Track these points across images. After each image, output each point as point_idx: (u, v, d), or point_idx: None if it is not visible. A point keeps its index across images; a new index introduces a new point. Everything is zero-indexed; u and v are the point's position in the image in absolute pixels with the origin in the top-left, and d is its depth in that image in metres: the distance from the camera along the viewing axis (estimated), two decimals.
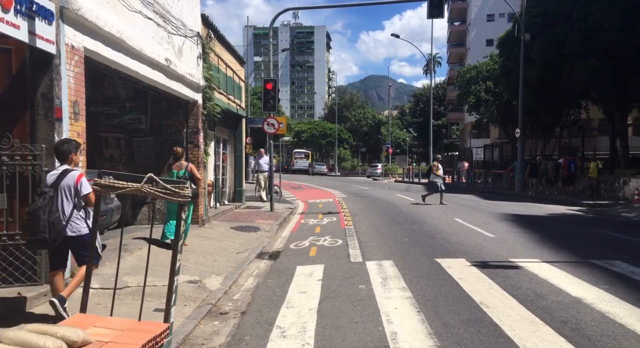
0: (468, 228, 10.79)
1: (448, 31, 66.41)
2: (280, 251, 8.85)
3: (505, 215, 13.26)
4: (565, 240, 9.19)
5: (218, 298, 5.79)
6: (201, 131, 10.77)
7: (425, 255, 7.84)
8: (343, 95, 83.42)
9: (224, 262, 7.71)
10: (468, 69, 34.33)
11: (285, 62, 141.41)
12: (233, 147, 15.83)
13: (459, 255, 7.75)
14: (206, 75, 10.84)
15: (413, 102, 73.80)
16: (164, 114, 10.43)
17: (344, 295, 5.73)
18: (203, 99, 10.85)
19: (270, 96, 14.22)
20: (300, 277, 6.70)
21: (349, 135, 67.72)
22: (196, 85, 10.32)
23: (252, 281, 6.72)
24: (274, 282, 6.59)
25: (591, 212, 14.70)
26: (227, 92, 13.75)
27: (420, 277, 6.44)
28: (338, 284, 6.23)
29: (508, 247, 8.44)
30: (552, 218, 13.14)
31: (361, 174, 51.00)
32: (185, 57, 9.58)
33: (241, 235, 10.20)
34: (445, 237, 9.54)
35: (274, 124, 14.48)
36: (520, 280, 6.16)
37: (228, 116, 14.06)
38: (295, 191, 24.62)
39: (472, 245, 8.67)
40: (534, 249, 8.27)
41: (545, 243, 8.75)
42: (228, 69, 13.75)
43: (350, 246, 8.91)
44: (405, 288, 5.85)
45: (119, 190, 3.44)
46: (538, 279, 6.18)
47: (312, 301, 5.51)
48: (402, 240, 9.40)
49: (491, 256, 7.69)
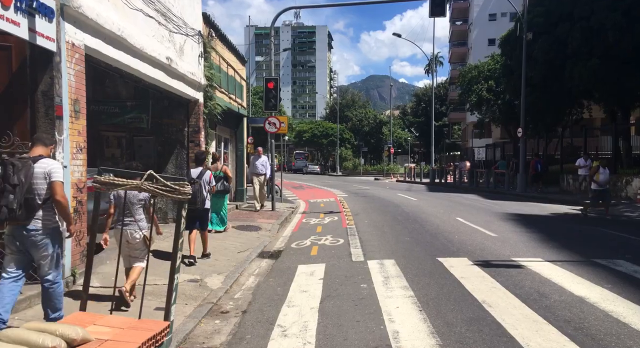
0: (470, 227, 10.75)
1: (450, 31, 66.33)
2: (282, 250, 8.82)
3: (508, 214, 13.22)
4: (568, 240, 9.16)
5: (219, 297, 5.77)
6: (202, 130, 10.76)
7: (427, 254, 7.81)
8: (345, 95, 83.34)
9: (225, 261, 7.69)
10: (469, 68, 34.25)
11: (286, 61, 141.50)
12: (234, 147, 15.81)
13: (461, 254, 7.71)
14: (207, 74, 10.82)
15: (415, 102, 73.63)
16: (165, 112, 10.41)
17: (346, 294, 5.70)
18: (204, 97, 10.84)
19: (272, 95, 14.20)
20: (302, 276, 6.68)
21: (350, 135, 67.62)
22: (197, 84, 10.30)
23: (254, 280, 6.69)
24: (275, 281, 6.57)
25: (594, 211, 14.64)
26: (229, 91, 13.73)
27: (422, 275, 6.41)
28: (339, 283, 6.20)
29: (510, 246, 8.40)
30: (554, 217, 13.09)
31: (362, 174, 50.95)
32: (186, 56, 9.56)
33: (242, 235, 10.17)
34: (447, 236, 9.51)
35: (275, 123, 14.44)
36: (523, 279, 6.12)
37: (229, 115, 14.04)
38: (296, 190, 24.61)
39: (474, 244, 8.63)
40: (536, 248, 8.23)
41: (547, 243, 8.71)
42: (229, 68, 13.73)
43: (351, 245, 8.88)
44: (407, 287, 5.83)
45: (119, 187, 3.42)
46: (541, 278, 6.15)
47: (313, 300, 5.49)
48: (404, 240, 9.37)
49: (493, 255, 7.66)
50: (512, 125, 30.00)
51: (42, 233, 4.02)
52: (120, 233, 4.22)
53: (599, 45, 18.21)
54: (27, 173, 3.92)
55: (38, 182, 4.01)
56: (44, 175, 4.01)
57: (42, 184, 4.01)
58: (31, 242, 4.00)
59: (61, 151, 5.40)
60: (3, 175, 3.88)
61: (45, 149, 4.24)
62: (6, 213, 3.83)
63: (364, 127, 70.88)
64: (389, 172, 46.29)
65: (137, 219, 5.04)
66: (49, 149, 4.33)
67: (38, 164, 4.03)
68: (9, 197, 3.83)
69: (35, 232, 3.98)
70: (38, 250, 4.03)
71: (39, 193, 4.01)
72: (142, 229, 5.09)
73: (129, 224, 5.02)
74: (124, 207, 4.90)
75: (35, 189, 3.99)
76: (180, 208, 3.39)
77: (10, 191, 3.83)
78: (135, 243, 5.11)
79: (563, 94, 21.73)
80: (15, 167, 3.89)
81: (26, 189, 3.90)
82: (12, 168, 3.87)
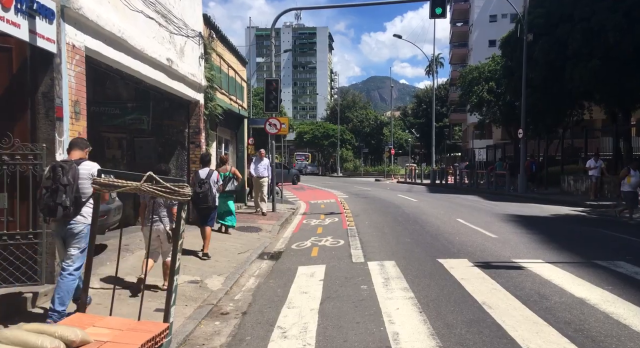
0: (470, 228, 10.75)
1: (450, 32, 66.37)
2: (282, 251, 8.82)
3: (508, 215, 13.21)
4: (568, 241, 9.15)
5: (219, 298, 5.77)
6: (203, 131, 10.77)
7: (427, 256, 7.81)
8: (345, 96, 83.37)
9: (226, 262, 7.69)
10: (470, 69, 34.26)
11: (287, 63, 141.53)
12: (235, 148, 15.82)
13: (461, 256, 7.71)
14: (208, 75, 10.83)
15: (415, 103, 73.67)
16: (165, 114, 10.42)
17: (346, 295, 5.70)
18: (205, 99, 10.85)
19: (272, 96, 14.21)
20: (302, 278, 6.68)
21: (351, 135, 67.64)
22: (198, 86, 10.31)
23: (254, 281, 6.69)
24: (275, 282, 6.57)
25: (594, 212, 14.62)
26: (229, 93, 13.75)
27: (423, 277, 6.41)
28: (340, 284, 6.20)
29: (511, 248, 8.39)
30: (555, 219, 13.08)
31: (363, 175, 50.93)
32: (186, 57, 9.57)
33: (243, 236, 10.17)
34: (448, 238, 9.50)
35: (275, 124, 14.44)
36: (524, 280, 6.12)
37: (230, 116, 14.05)
38: (297, 192, 24.61)
39: (474, 245, 8.63)
40: (537, 250, 8.22)
41: (548, 244, 8.71)
42: (230, 69, 13.75)
43: (352, 246, 8.88)
44: (407, 289, 5.82)
45: (118, 188, 3.42)
46: (541, 280, 6.14)
47: (313, 301, 5.48)
48: (404, 241, 9.37)
49: (494, 256, 7.66)
50: (513, 126, 29.95)
51: (82, 227, 4.52)
52: (150, 230, 4.61)
53: (599, 47, 18.18)
54: (75, 174, 4.39)
55: (83, 182, 4.45)
56: (88, 175, 4.44)
57: (87, 184, 4.42)
58: (70, 232, 4.48)
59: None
60: (53, 177, 4.30)
61: (82, 153, 4.72)
62: (61, 211, 4.29)
63: (365, 128, 70.91)
64: (389, 173, 46.26)
65: (163, 216, 5.63)
66: (85, 152, 4.77)
67: (82, 166, 4.52)
68: (62, 196, 4.28)
69: (76, 225, 4.49)
70: (73, 239, 4.50)
71: (85, 192, 4.47)
72: (167, 225, 5.64)
73: (159, 221, 5.59)
74: (153, 206, 5.39)
75: (82, 188, 4.45)
76: (180, 210, 3.39)
77: (62, 191, 4.28)
78: (165, 239, 5.66)
79: (563, 95, 21.70)
80: (64, 169, 4.34)
81: (75, 188, 4.37)
82: (61, 170, 4.32)
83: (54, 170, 4.35)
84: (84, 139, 5.16)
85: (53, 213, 4.31)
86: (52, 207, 4.28)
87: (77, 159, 4.61)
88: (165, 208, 5.68)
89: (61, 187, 4.28)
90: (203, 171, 7.85)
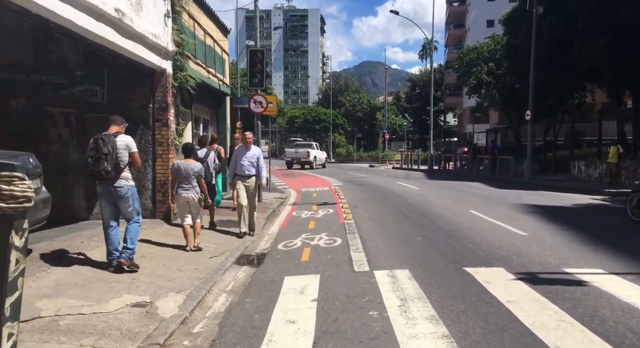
0: (490, 223, 9.10)
1: (447, 12, 64.19)
2: (266, 253, 7.15)
3: (526, 206, 11.60)
4: (616, 239, 7.52)
5: (170, 332, 4.04)
6: (171, 107, 8.93)
7: (449, 262, 6.13)
8: (338, 80, 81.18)
9: (191, 271, 5.96)
10: (468, 50, 32.42)
11: (278, 46, 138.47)
12: (216, 129, 13.97)
13: (494, 263, 6.03)
14: (177, 38, 8.96)
15: (409, 87, 71.72)
16: (124, 84, 8.55)
17: (349, 328, 4.01)
18: (173, 67, 8.99)
19: (258, 69, 12.37)
20: (289, 295, 5.00)
21: (343, 120, 65.75)
22: (163, 50, 8.45)
23: (224, 301, 4.99)
24: (252, 302, 4.87)
25: (617, 201, 13.07)
26: (207, 64, 11.84)
27: (453, 298, 4.70)
28: (340, 308, 4.51)
29: (551, 250, 6.72)
30: (580, 209, 11.51)
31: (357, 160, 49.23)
32: (146, 13, 7.69)
33: (219, 233, 8.44)
34: (468, 236, 7.84)
35: (261, 102, 12.52)
36: (596, 305, 4.40)
37: (208, 92, 12.20)
38: (287, 178, 22.84)
39: (504, 247, 6.96)
40: (584, 252, 6.57)
41: (594, 245, 7.06)
42: (207, 36, 11.82)
43: (351, 247, 7.20)
44: (435, 319, 4.13)
45: None
46: (620, 303, 4.41)
47: (303, 340, 3.80)
48: (414, 239, 7.70)
49: (536, 264, 5.98)
50: (512, 110, 28.50)
51: (125, 189, 5.45)
52: (181, 196, 6.31)
53: (608, 21, 16.83)
54: (114, 145, 5.28)
55: (121, 152, 5.39)
56: (124, 146, 5.42)
57: (124, 153, 5.42)
58: (119, 196, 5.43)
59: None
60: (96, 147, 5.19)
61: (118, 127, 5.56)
62: (104, 175, 5.21)
63: (358, 112, 69.04)
64: (384, 159, 44.62)
65: (194, 185, 6.88)
66: (121, 127, 5.61)
67: (118, 139, 5.40)
68: (104, 163, 5.18)
69: (120, 189, 5.42)
70: (123, 201, 5.47)
71: (122, 160, 5.40)
72: (198, 194, 6.90)
73: (189, 190, 6.84)
74: (182, 178, 6.83)
75: (120, 157, 5.37)
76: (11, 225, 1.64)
77: (104, 159, 5.18)
78: (194, 204, 6.87)
79: (569, 74, 20.41)
80: (104, 141, 5.22)
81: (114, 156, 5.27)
82: (102, 142, 5.20)
83: (96, 142, 5.22)
84: (121, 116, 5.76)
85: (98, 177, 5.24)
86: (97, 172, 5.19)
87: (114, 132, 5.45)
88: (194, 178, 6.86)
89: (103, 156, 5.16)
90: (201, 151, 8.79)
